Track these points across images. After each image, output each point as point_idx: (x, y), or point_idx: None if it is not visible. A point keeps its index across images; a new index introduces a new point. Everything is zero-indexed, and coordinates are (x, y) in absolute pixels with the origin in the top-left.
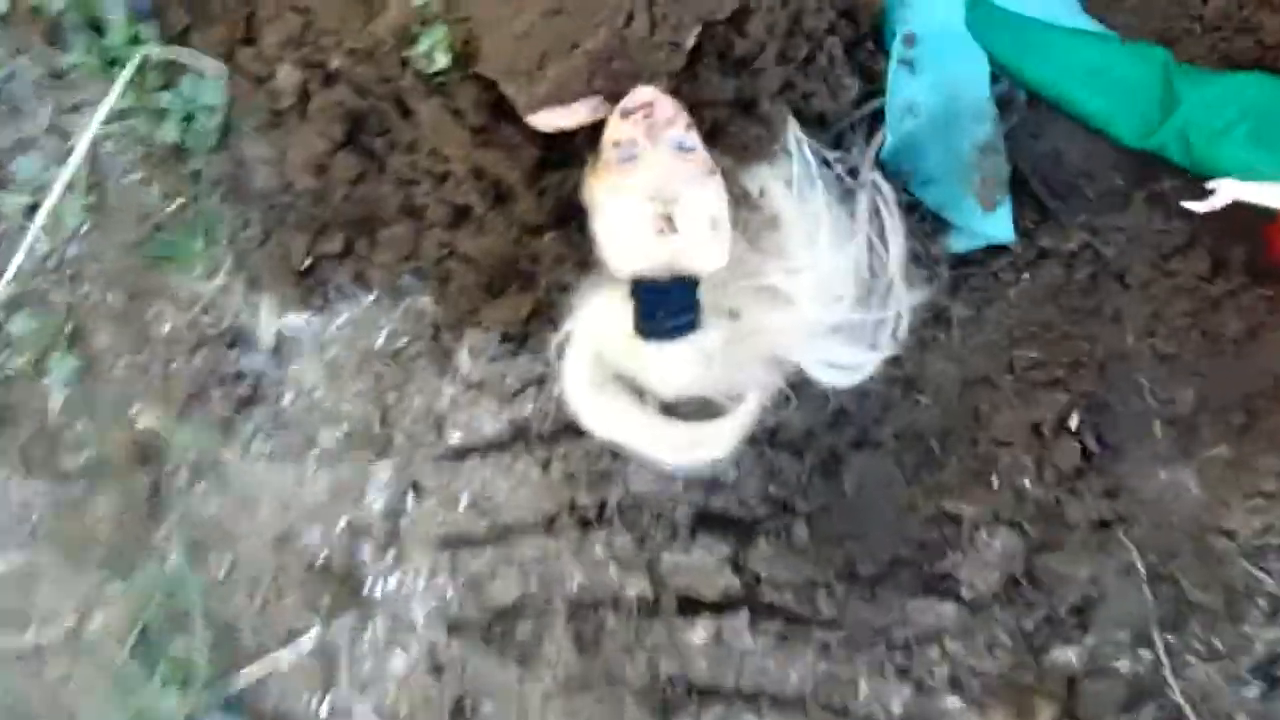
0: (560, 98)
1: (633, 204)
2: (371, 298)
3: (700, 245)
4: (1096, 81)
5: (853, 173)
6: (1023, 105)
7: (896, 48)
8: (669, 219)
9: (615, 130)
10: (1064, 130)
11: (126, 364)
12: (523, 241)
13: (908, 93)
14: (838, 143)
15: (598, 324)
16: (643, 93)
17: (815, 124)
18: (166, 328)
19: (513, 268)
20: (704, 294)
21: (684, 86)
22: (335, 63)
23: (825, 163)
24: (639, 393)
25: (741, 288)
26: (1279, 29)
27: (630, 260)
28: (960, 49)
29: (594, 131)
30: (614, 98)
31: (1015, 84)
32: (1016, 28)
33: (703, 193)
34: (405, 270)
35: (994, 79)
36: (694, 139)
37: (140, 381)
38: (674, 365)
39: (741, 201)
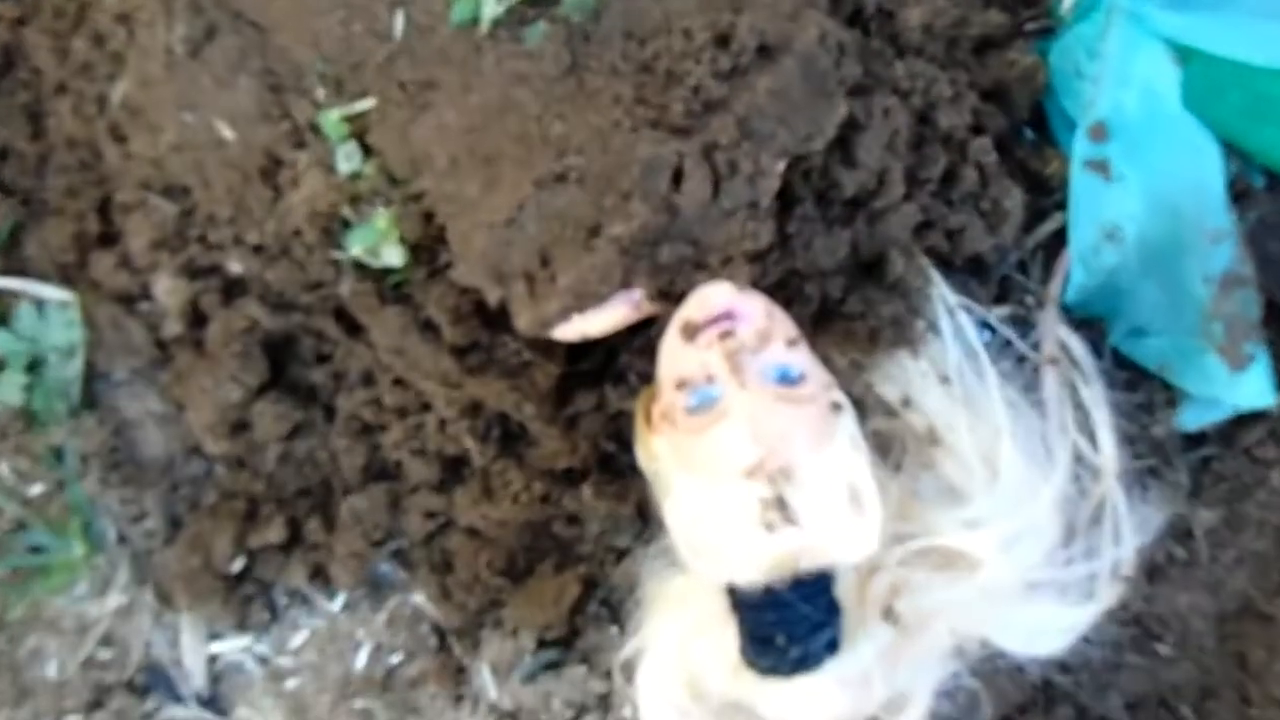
0: (581, 307)
1: (722, 489)
2: (340, 602)
3: (834, 532)
4: None
5: (1021, 326)
6: (1261, 195)
7: (1080, 145)
8: (781, 504)
9: (679, 361)
10: None
11: None
12: (551, 498)
13: (1105, 210)
14: (1002, 292)
15: (684, 644)
16: (714, 296)
17: (969, 273)
18: (51, 670)
19: (542, 538)
20: (843, 586)
21: (770, 258)
22: (236, 266)
23: (987, 326)
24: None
25: (898, 561)
26: None
27: (727, 568)
28: (1178, 136)
29: (642, 328)
30: (668, 295)
31: (1246, 165)
32: (1244, 83)
33: (829, 452)
34: (383, 557)
35: None
36: (802, 359)
37: None
38: (809, 705)
39: (876, 414)
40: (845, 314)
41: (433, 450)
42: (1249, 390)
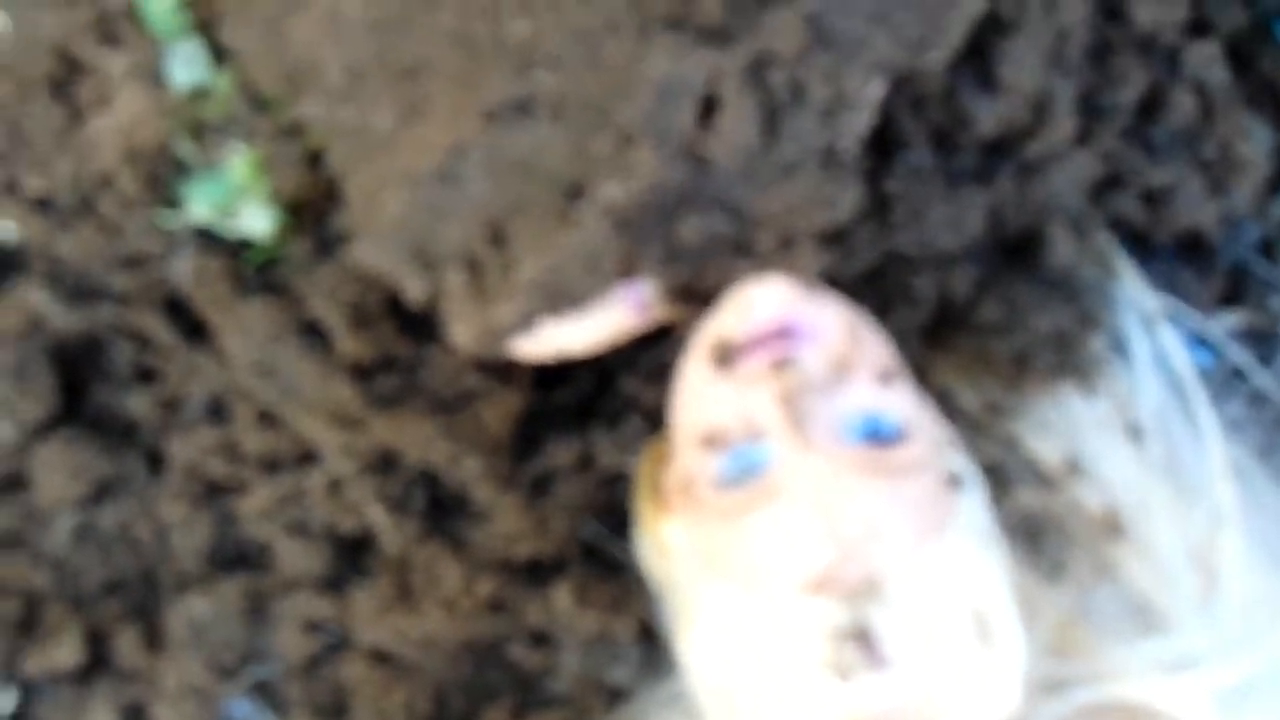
0: (554, 311)
1: (772, 610)
2: None
3: (949, 680)
4: None
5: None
6: None
7: None
8: (864, 637)
9: (707, 403)
10: None
11: None
12: (506, 606)
13: None
14: (1233, 290)
15: None
16: (764, 301)
17: (1180, 259)
18: None
19: (491, 668)
20: None
21: (857, 237)
22: (9, 229)
23: (1206, 346)
24: None
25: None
26: None
27: None
28: None
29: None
30: (691, 295)
31: None
32: None
33: (942, 553)
34: (238, 694)
35: None
36: (902, 404)
37: None
38: None
39: (1023, 487)
40: (977, 326)
41: (318, 526)
42: None
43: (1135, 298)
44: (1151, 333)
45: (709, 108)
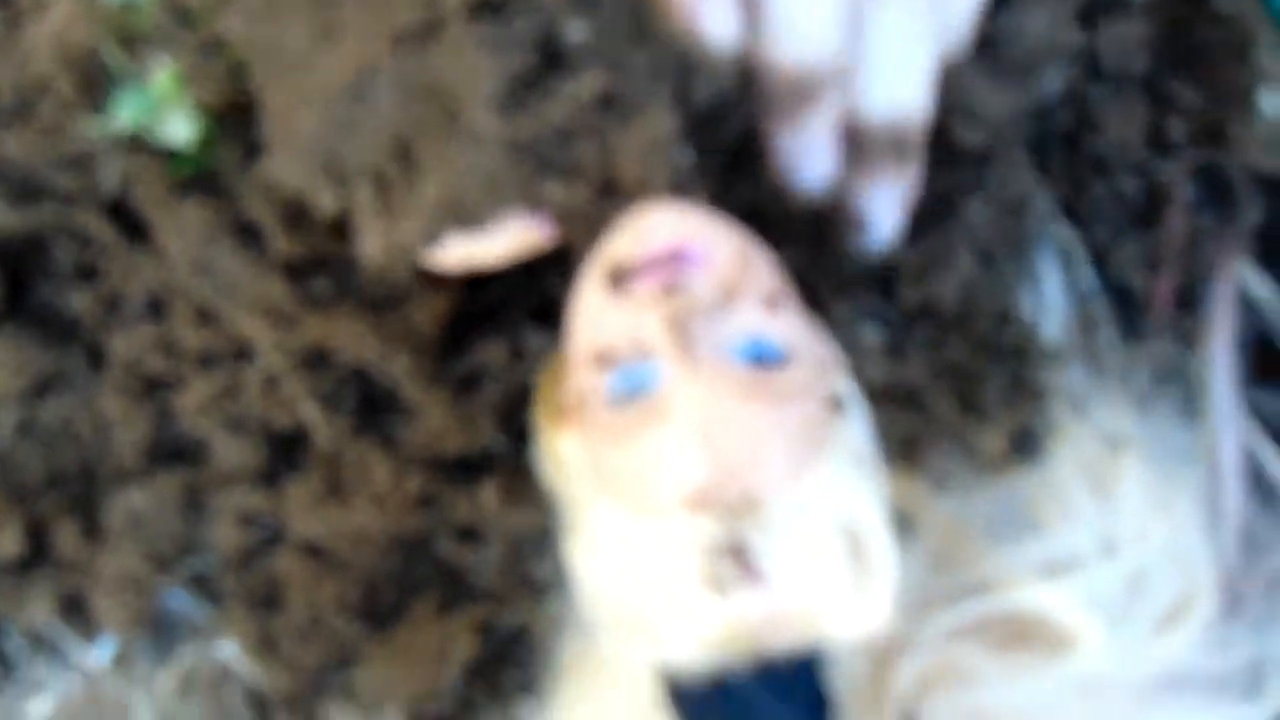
0: (460, 226)
1: (653, 525)
2: (107, 652)
3: (822, 595)
4: None
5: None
6: None
7: None
8: (739, 552)
9: (599, 323)
10: None
11: None
12: (434, 501)
13: None
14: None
15: None
16: (656, 225)
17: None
18: None
19: (419, 562)
20: (846, 676)
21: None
22: None
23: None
24: None
25: (940, 635)
26: None
27: (657, 644)
28: None
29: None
30: (585, 220)
31: None
32: None
33: (819, 476)
34: (174, 585)
35: None
36: (786, 328)
37: None
38: None
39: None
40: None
41: (253, 422)
42: None
43: (1049, 226)
44: (1063, 260)
45: None
